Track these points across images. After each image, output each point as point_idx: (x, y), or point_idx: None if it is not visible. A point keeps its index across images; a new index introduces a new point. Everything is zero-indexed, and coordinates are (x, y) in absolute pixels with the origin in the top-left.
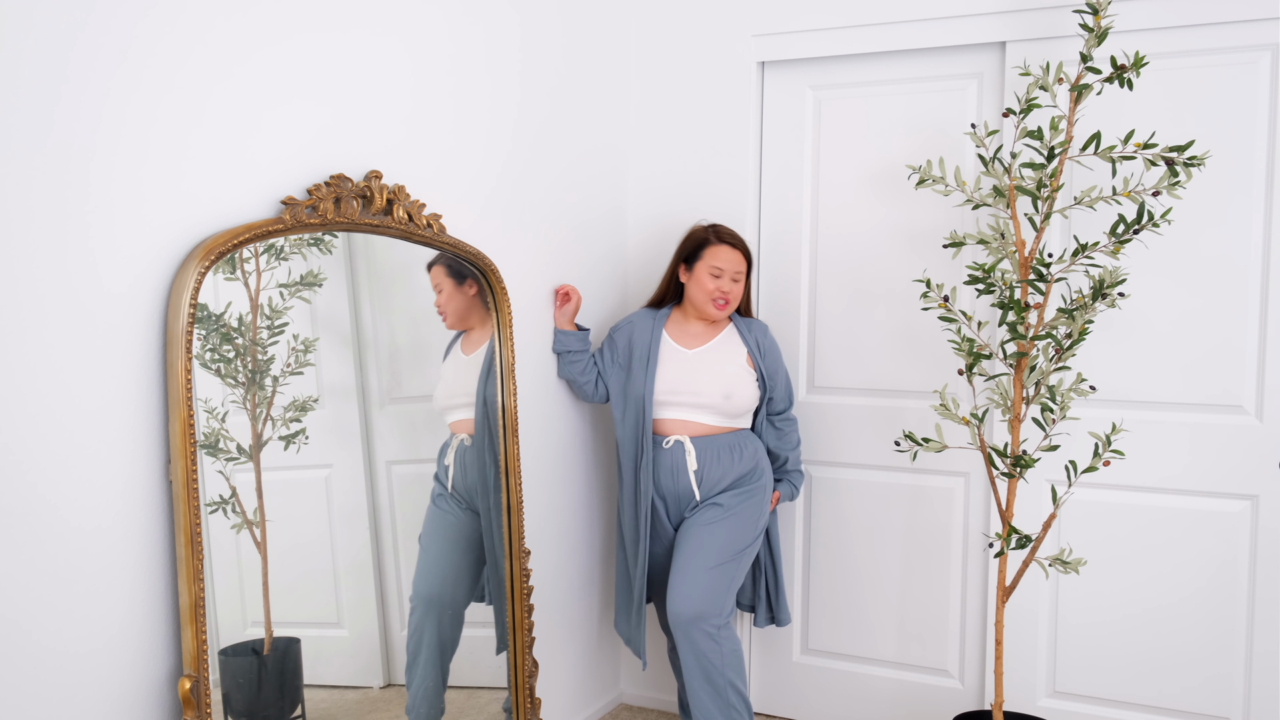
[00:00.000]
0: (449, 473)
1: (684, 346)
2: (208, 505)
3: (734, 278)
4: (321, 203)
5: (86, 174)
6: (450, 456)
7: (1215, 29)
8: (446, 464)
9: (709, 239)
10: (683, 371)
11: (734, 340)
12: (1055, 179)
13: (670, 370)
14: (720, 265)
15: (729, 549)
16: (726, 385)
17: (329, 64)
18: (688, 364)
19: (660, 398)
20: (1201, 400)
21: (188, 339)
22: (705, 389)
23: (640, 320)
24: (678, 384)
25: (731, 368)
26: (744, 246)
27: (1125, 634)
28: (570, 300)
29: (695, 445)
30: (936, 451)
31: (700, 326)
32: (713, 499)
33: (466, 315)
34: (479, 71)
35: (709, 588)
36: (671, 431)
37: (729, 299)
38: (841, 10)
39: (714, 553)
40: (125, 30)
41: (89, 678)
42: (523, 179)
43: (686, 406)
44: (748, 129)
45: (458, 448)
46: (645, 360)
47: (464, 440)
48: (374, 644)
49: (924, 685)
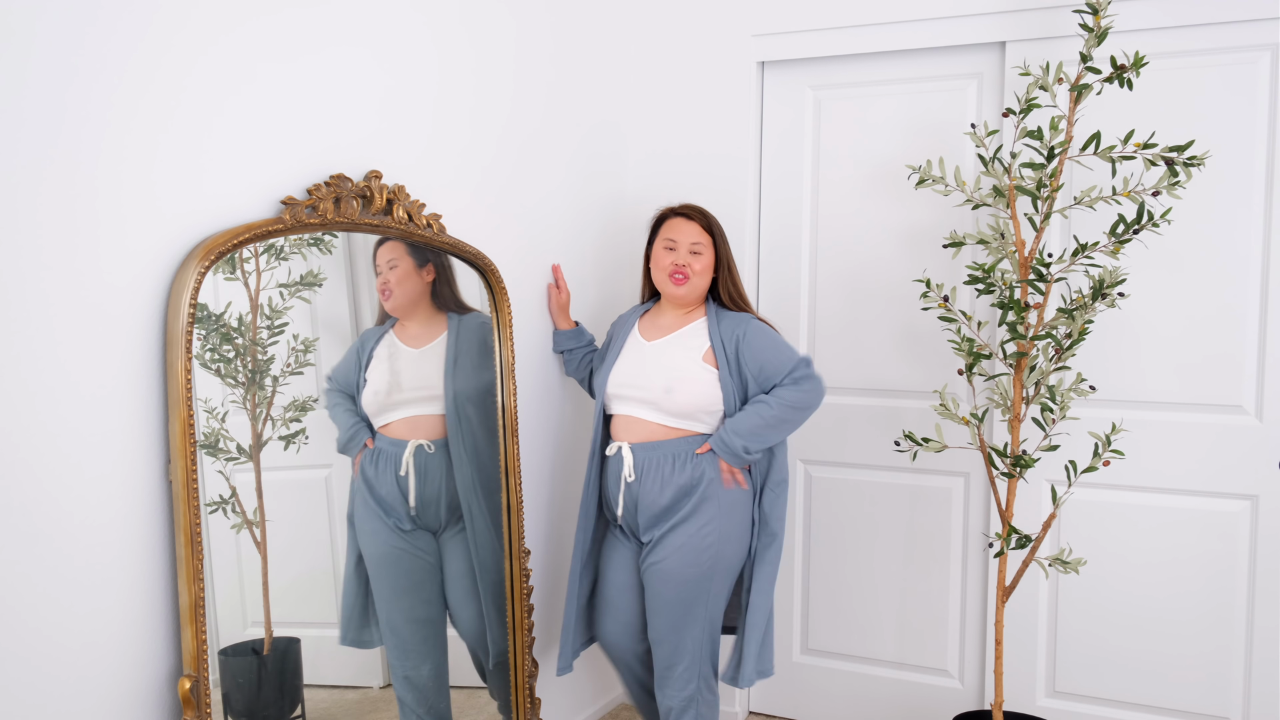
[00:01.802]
0: (410, 484)
1: (645, 338)
2: (208, 505)
3: (691, 250)
4: (321, 203)
5: (90, 175)
6: (408, 466)
7: (1215, 29)
8: (404, 474)
9: (664, 215)
10: (635, 364)
11: (698, 332)
12: (1055, 179)
13: (626, 363)
14: (673, 236)
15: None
16: (668, 378)
17: (329, 64)
18: (642, 356)
19: (612, 390)
20: (1201, 400)
21: (188, 339)
22: (648, 381)
23: (627, 315)
24: (630, 376)
25: (682, 362)
26: (702, 217)
27: (1125, 634)
28: (561, 289)
29: (635, 452)
30: (936, 451)
31: (670, 318)
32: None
33: (414, 304)
34: (480, 74)
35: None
36: (619, 433)
37: (686, 273)
38: (841, 10)
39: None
40: (133, 32)
41: (89, 677)
42: (523, 181)
43: (632, 401)
44: (748, 129)
45: (416, 455)
46: (615, 353)
47: (424, 445)
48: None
49: (924, 685)
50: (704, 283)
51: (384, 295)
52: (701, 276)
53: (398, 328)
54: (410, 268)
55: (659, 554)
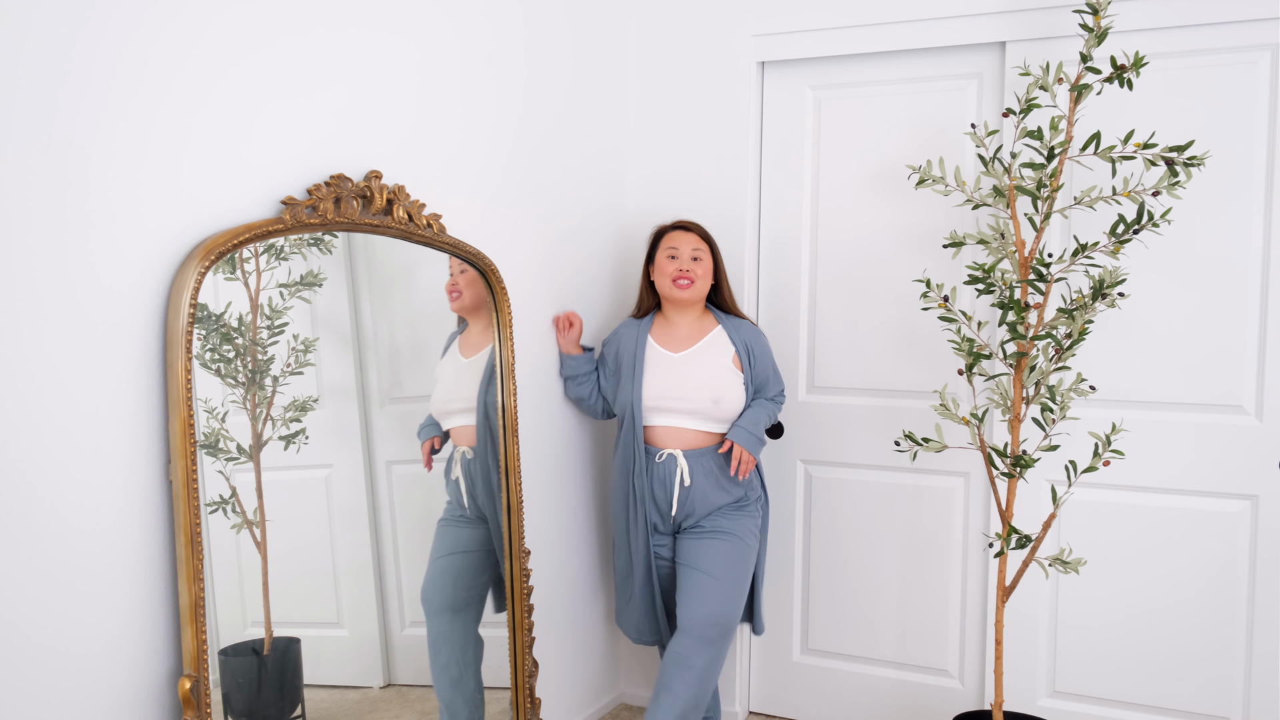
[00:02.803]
0: (461, 486)
1: (670, 350)
2: (208, 505)
3: (693, 255)
4: (321, 203)
5: (86, 174)
6: (458, 471)
7: (1215, 29)
8: (455, 478)
9: (663, 230)
10: (671, 376)
11: (722, 341)
12: (1055, 179)
13: (658, 375)
14: (674, 245)
15: (736, 565)
16: (715, 390)
17: (329, 63)
18: (675, 368)
19: (649, 403)
20: (1201, 400)
21: (188, 339)
22: (693, 394)
23: (625, 330)
24: (666, 389)
25: (720, 370)
26: (698, 229)
27: (1125, 634)
28: (574, 327)
29: (688, 459)
30: (936, 451)
31: (686, 329)
32: (711, 519)
33: (478, 306)
34: (481, 72)
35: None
36: (663, 441)
37: (691, 277)
38: (841, 10)
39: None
40: (124, 28)
41: (89, 677)
42: (523, 180)
43: (675, 412)
44: (748, 129)
45: (463, 462)
46: (633, 367)
47: (466, 453)
48: (374, 644)
49: (924, 685)
50: (706, 286)
51: (453, 296)
52: (704, 280)
53: (462, 337)
54: (475, 275)
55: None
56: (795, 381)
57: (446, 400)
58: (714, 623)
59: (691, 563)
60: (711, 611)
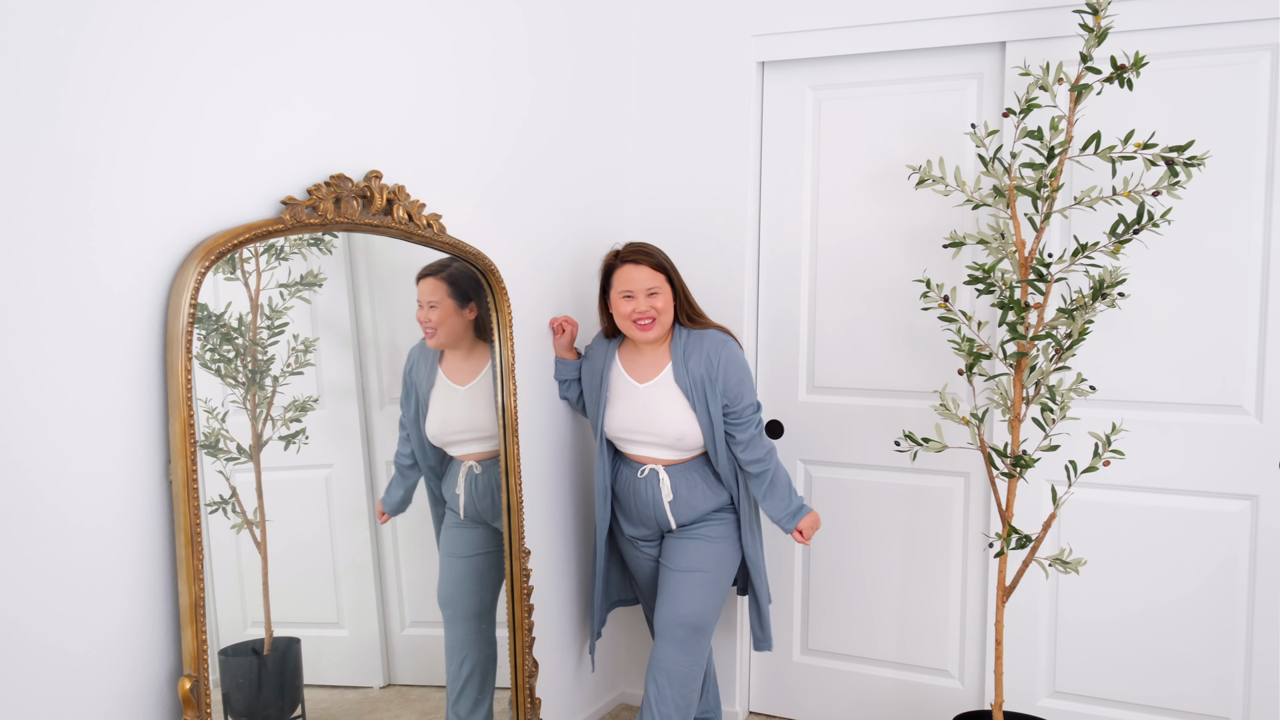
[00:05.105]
0: (460, 501)
1: (636, 380)
2: (208, 505)
3: (649, 292)
4: (321, 203)
5: (87, 173)
6: (460, 485)
7: (1215, 29)
8: (457, 493)
9: (613, 263)
10: (637, 411)
11: (671, 383)
12: (1055, 179)
13: (623, 407)
14: (628, 287)
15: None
16: (679, 428)
17: (329, 64)
18: (640, 403)
19: (618, 435)
20: (1201, 400)
21: (188, 339)
22: (661, 430)
23: (596, 348)
24: (633, 423)
25: (677, 407)
26: (652, 259)
27: (1125, 634)
28: (566, 331)
29: (670, 475)
30: (936, 451)
31: (650, 357)
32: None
33: (458, 339)
34: (480, 72)
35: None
36: (642, 459)
37: (652, 316)
38: (841, 10)
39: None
40: (126, 29)
41: (89, 677)
42: (523, 180)
43: (643, 444)
44: (747, 129)
45: (466, 475)
46: (599, 391)
47: (473, 467)
48: (374, 644)
49: (924, 685)
50: (669, 316)
51: (427, 333)
52: (666, 313)
53: (445, 364)
54: (451, 309)
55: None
56: (795, 381)
57: (448, 433)
58: (681, 622)
59: (670, 563)
60: (680, 612)
